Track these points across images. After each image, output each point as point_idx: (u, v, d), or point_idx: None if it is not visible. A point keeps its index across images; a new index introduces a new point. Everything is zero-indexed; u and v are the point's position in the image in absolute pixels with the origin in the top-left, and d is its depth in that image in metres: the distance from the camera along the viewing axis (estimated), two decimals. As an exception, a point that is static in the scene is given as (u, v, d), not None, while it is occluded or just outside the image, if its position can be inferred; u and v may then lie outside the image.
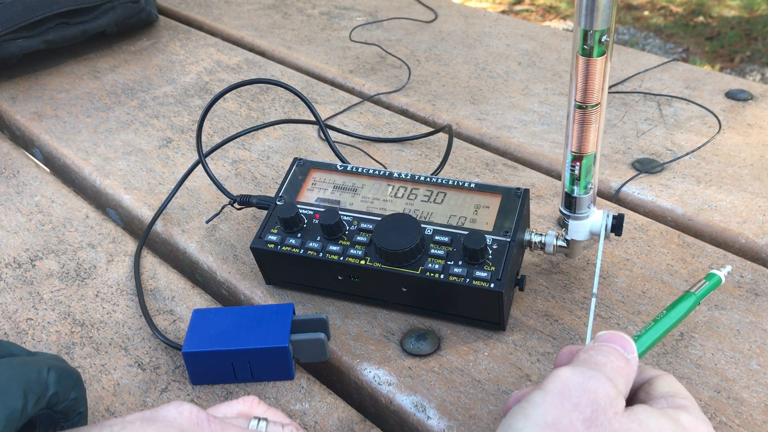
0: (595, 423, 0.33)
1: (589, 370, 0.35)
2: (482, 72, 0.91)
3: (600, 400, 0.34)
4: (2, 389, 0.35)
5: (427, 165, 0.72)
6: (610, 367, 0.36)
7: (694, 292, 0.47)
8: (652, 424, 0.33)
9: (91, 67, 0.97)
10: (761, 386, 0.47)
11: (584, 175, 0.49)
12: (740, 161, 0.70)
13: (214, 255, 0.62)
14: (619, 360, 0.37)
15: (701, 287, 0.47)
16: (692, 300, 0.46)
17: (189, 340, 0.49)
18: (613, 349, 0.37)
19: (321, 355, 0.50)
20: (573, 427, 0.33)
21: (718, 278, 0.48)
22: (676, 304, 0.46)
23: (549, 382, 0.35)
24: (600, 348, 0.38)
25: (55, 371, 0.38)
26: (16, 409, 0.35)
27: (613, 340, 0.38)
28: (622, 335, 0.38)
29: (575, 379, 0.34)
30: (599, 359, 0.36)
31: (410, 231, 0.51)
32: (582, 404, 0.33)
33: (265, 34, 1.06)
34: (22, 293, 0.59)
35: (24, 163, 0.77)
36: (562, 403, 0.33)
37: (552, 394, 0.34)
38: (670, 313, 0.45)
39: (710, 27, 2.83)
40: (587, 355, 0.37)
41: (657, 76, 0.87)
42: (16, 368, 0.37)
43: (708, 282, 0.48)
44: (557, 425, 0.33)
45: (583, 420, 0.33)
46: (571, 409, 0.33)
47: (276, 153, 0.76)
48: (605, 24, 0.42)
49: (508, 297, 0.51)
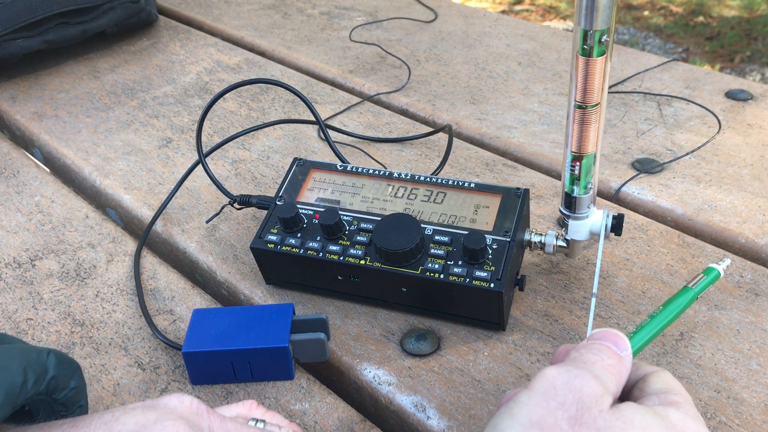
0: (580, 421, 0.33)
1: (575, 368, 0.35)
2: (482, 72, 0.91)
3: (585, 399, 0.33)
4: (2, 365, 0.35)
5: (427, 165, 0.72)
6: (600, 365, 0.36)
7: (691, 287, 0.46)
8: (637, 421, 0.33)
9: (91, 67, 0.97)
10: (761, 386, 0.47)
11: (584, 175, 0.49)
12: (740, 161, 0.70)
13: (214, 255, 0.62)
14: (611, 358, 0.37)
15: (699, 282, 0.46)
16: (690, 295, 0.45)
17: (189, 340, 0.49)
18: (605, 346, 0.37)
19: (321, 355, 0.50)
20: (558, 425, 0.33)
21: (717, 272, 0.47)
22: (673, 300, 0.45)
23: (535, 381, 0.35)
24: (592, 346, 0.38)
25: (55, 355, 0.38)
26: (16, 383, 0.35)
27: (606, 338, 0.38)
28: (615, 333, 0.38)
29: (561, 378, 0.34)
30: (589, 357, 0.36)
31: (410, 231, 0.51)
32: (567, 403, 0.33)
33: (265, 34, 1.06)
34: (22, 293, 0.59)
35: (24, 163, 0.77)
36: (548, 402, 0.33)
37: (537, 393, 0.34)
38: (667, 309, 0.44)
39: (710, 27, 2.83)
40: (578, 354, 0.37)
41: (657, 76, 0.87)
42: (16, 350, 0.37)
43: (706, 276, 0.47)
44: (542, 424, 0.33)
45: (568, 418, 0.33)
46: (556, 407, 0.33)
47: (276, 153, 0.76)
48: (605, 24, 0.42)
49: (508, 297, 0.51)
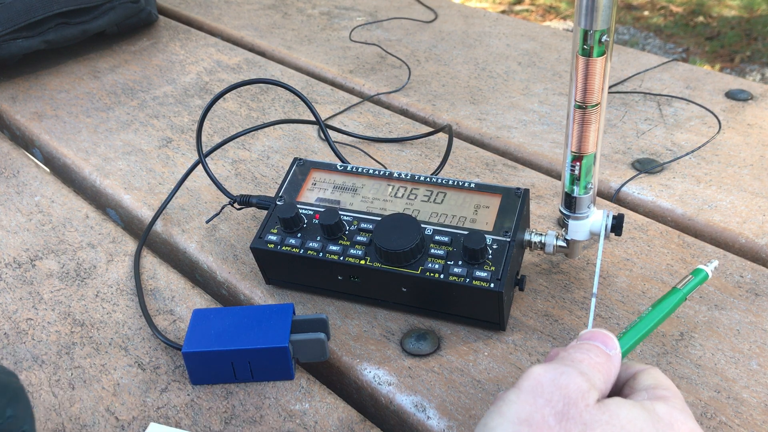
0: (567, 416, 0.33)
1: (561, 366, 0.36)
2: (482, 72, 0.91)
3: (571, 394, 0.34)
4: None
5: (427, 165, 0.72)
6: (587, 362, 0.37)
7: (680, 287, 0.47)
8: (624, 415, 0.34)
9: (91, 67, 0.97)
10: (761, 386, 0.47)
11: (584, 175, 0.49)
12: (740, 161, 0.70)
13: (214, 255, 0.62)
14: (599, 356, 0.37)
15: (687, 282, 0.47)
16: (678, 296, 0.47)
17: (189, 340, 0.49)
18: (594, 346, 0.38)
19: (321, 355, 0.50)
20: (545, 421, 0.33)
21: (705, 273, 0.48)
22: (662, 301, 0.46)
23: (523, 380, 0.36)
24: (580, 346, 0.38)
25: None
26: None
27: (595, 338, 0.39)
28: (604, 332, 0.39)
29: (547, 375, 0.35)
30: (576, 356, 0.37)
31: (410, 231, 0.51)
32: (554, 399, 0.34)
33: (265, 34, 1.06)
34: (22, 293, 0.59)
35: (24, 163, 0.77)
36: (535, 399, 0.34)
37: (525, 391, 0.35)
38: (656, 310, 0.45)
39: (710, 27, 2.83)
40: (566, 353, 0.38)
41: (657, 76, 0.87)
42: None
43: (694, 277, 0.48)
44: (530, 421, 0.33)
45: (555, 414, 0.33)
46: (543, 404, 0.34)
47: (276, 153, 0.76)
48: (605, 24, 0.42)
49: (508, 297, 0.51)
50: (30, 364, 0.53)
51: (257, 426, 0.47)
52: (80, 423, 0.48)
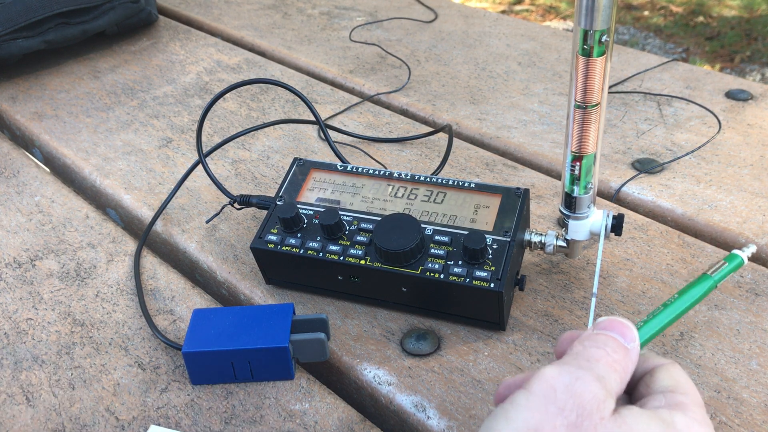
0: (580, 428, 0.31)
1: (577, 369, 0.33)
2: (482, 72, 0.91)
3: (586, 404, 0.32)
4: None
5: (427, 165, 0.72)
6: (604, 362, 0.34)
7: (710, 274, 0.43)
8: (641, 430, 0.32)
9: (91, 67, 0.97)
10: (761, 386, 0.47)
11: (584, 175, 0.49)
12: (740, 161, 0.70)
13: (214, 255, 0.62)
14: (616, 352, 0.35)
15: (720, 269, 0.43)
16: (709, 283, 0.43)
17: (189, 340, 0.49)
18: (611, 338, 0.35)
19: (321, 355, 0.50)
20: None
21: (741, 259, 0.44)
22: (689, 288, 0.42)
23: (534, 382, 0.33)
24: (597, 338, 0.35)
25: None
26: None
27: (613, 328, 0.36)
28: (623, 322, 0.36)
29: (562, 380, 0.33)
30: (593, 353, 0.35)
31: (410, 231, 0.51)
32: (567, 408, 0.32)
33: (265, 34, 1.06)
34: (22, 293, 0.59)
35: (24, 163, 0.77)
36: (546, 407, 0.32)
37: (536, 396, 0.32)
38: (683, 297, 0.42)
39: (710, 27, 2.83)
40: (582, 347, 0.35)
41: (657, 76, 0.87)
42: None
43: (729, 264, 0.44)
44: (540, 430, 0.31)
45: (568, 425, 0.31)
46: (555, 413, 0.32)
47: (276, 153, 0.76)
48: (605, 24, 0.42)
49: (508, 297, 0.51)
50: (30, 364, 0.53)
51: (257, 426, 0.47)
52: (80, 423, 0.48)
